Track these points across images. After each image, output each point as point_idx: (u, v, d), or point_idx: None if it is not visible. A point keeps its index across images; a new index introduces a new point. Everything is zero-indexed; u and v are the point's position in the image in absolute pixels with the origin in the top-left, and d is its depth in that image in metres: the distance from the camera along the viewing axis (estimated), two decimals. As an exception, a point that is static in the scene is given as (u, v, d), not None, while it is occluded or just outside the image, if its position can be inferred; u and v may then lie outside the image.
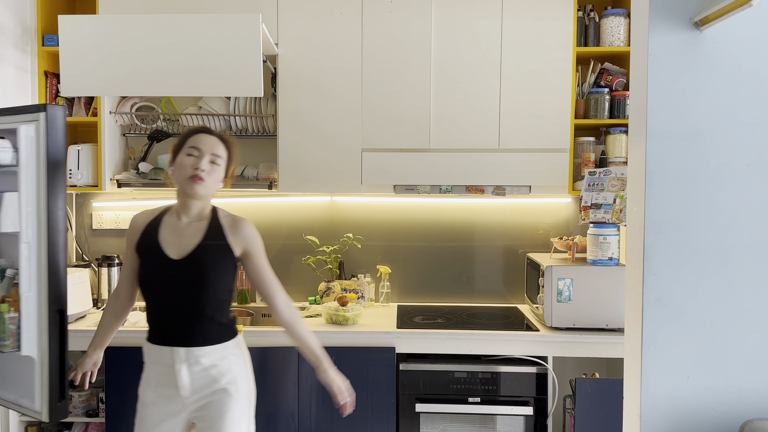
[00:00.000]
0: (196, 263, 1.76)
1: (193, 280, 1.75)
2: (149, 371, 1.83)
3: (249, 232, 1.84)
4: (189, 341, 1.76)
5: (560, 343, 2.41)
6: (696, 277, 1.44)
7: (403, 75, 2.63)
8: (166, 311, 1.78)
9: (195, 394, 1.77)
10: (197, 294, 1.76)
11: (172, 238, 1.79)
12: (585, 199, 2.46)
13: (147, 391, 1.81)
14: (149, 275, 1.80)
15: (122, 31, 2.30)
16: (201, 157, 1.78)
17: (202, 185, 1.76)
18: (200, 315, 1.77)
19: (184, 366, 1.75)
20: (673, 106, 1.43)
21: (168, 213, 1.85)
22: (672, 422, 1.45)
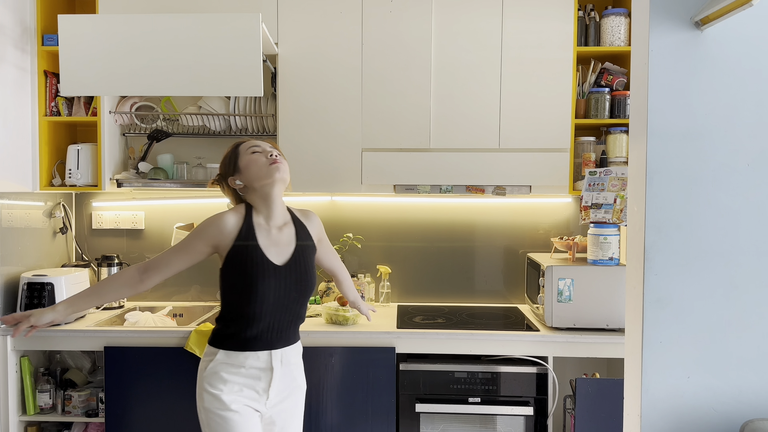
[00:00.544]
0: (298, 266, 1.80)
1: (297, 283, 1.79)
2: (231, 377, 1.76)
3: (319, 222, 1.98)
4: (285, 341, 1.81)
5: (560, 343, 2.41)
6: (696, 277, 1.44)
7: (403, 75, 2.63)
8: (269, 316, 1.77)
9: (279, 396, 1.81)
10: (300, 295, 1.81)
11: (271, 244, 1.79)
12: (585, 199, 2.45)
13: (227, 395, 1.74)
14: (256, 283, 1.74)
15: (122, 30, 2.29)
16: (264, 148, 1.83)
17: (283, 168, 1.80)
18: (298, 315, 1.85)
19: (279, 366, 1.79)
20: (674, 106, 1.43)
21: (256, 216, 1.82)
22: (672, 422, 1.45)
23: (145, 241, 3.00)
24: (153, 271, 1.78)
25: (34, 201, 2.71)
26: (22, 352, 2.54)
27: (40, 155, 2.64)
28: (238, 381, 1.76)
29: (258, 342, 1.78)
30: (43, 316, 1.75)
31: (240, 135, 2.88)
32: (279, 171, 1.79)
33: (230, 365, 1.77)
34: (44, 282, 2.49)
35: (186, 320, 2.89)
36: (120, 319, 2.71)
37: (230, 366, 1.77)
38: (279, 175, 1.79)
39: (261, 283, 1.74)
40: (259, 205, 1.83)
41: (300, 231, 1.87)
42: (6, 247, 2.53)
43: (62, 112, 2.70)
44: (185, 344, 2.39)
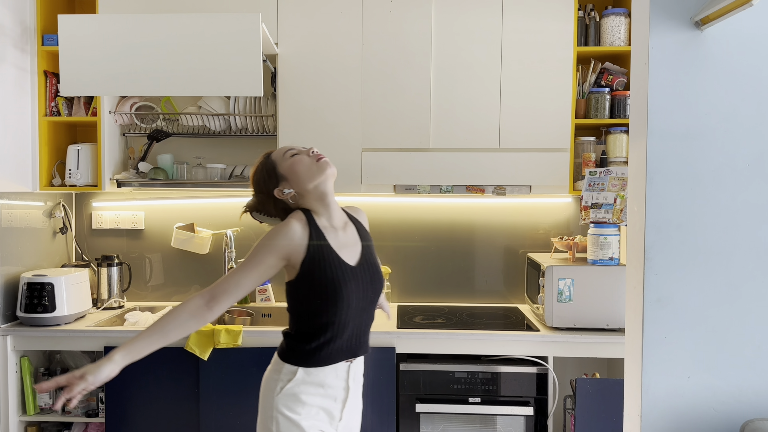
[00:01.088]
0: (369, 265, 1.73)
1: (371, 282, 1.72)
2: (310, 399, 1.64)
3: (365, 216, 1.89)
4: (363, 349, 1.74)
5: (561, 343, 2.41)
6: (697, 277, 1.44)
7: (403, 75, 2.63)
8: (352, 322, 1.67)
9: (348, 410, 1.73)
10: (375, 295, 1.74)
11: (341, 246, 1.69)
12: (585, 198, 2.45)
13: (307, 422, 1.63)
14: (337, 287, 1.61)
15: (122, 30, 2.29)
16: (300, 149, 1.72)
17: (330, 164, 1.68)
18: (372, 318, 1.76)
19: (353, 377, 1.72)
20: (674, 106, 1.43)
21: (317, 220, 1.69)
22: (673, 422, 1.45)
23: (145, 241, 3.01)
24: (222, 297, 1.57)
25: (34, 201, 2.71)
26: (22, 352, 2.54)
27: (40, 155, 2.64)
28: (317, 403, 1.65)
29: (342, 352, 1.67)
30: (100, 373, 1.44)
31: (240, 135, 2.88)
32: (329, 166, 1.68)
33: (310, 384, 1.64)
34: (44, 282, 2.49)
35: (186, 320, 2.88)
36: (120, 319, 2.71)
37: (310, 386, 1.64)
38: (330, 170, 1.68)
39: (344, 286, 1.62)
40: (317, 208, 1.69)
41: (360, 228, 1.79)
42: (6, 247, 2.53)
43: (62, 112, 2.70)
44: (185, 344, 2.39)
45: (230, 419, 2.42)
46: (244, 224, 2.99)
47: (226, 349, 2.40)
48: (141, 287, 3.01)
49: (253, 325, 2.85)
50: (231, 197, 2.99)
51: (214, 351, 2.39)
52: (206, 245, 2.93)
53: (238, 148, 2.97)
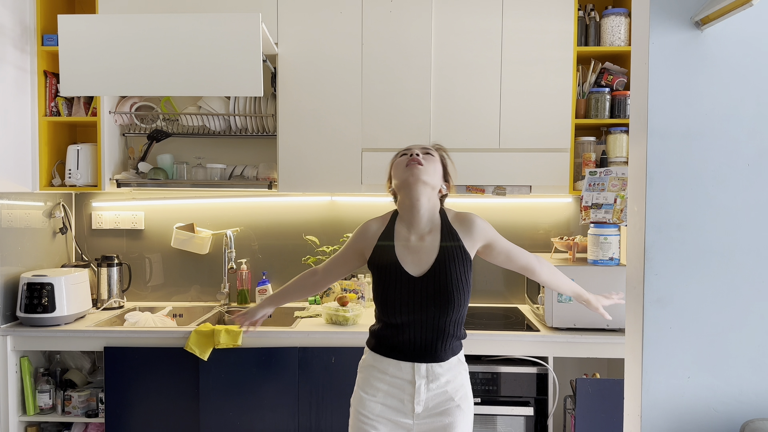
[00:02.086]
0: (438, 279, 1.66)
1: (436, 296, 1.66)
2: (376, 382, 1.71)
3: (482, 225, 1.74)
4: (431, 358, 1.68)
5: (561, 343, 2.41)
6: (697, 277, 1.44)
7: (403, 74, 2.63)
8: (408, 329, 1.68)
9: (427, 411, 1.69)
10: (441, 311, 1.67)
11: (409, 254, 1.70)
12: (586, 199, 2.45)
13: (371, 403, 1.70)
14: (389, 293, 1.68)
15: (122, 30, 2.29)
16: (411, 150, 1.74)
17: (421, 169, 1.68)
18: (444, 332, 1.69)
19: (424, 382, 1.68)
20: (674, 106, 1.43)
21: (398, 223, 1.75)
22: (673, 422, 1.45)
23: (144, 242, 3.00)
24: (321, 272, 1.90)
25: (34, 201, 2.71)
26: (22, 353, 2.54)
27: (39, 155, 2.64)
28: (383, 388, 1.70)
29: (399, 352, 1.69)
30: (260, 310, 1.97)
31: (240, 135, 2.88)
32: (413, 172, 1.67)
33: (375, 368, 1.72)
34: (44, 282, 2.48)
35: (186, 320, 2.88)
36: (120, 319, 2.71)
37: (375, 369, 1.72)
38: (413, 177, 1.67)
39: (394, 293, 1.67)
40: (402, 211, 1.74)
41: (447, 239, 1.70)
42: (6, 247, 2.53)
43: (62, 112, 2.70)
44: (185, 344, 2.39)
45: (230, 419, 2.42)
46: (244, 224, 2.99)
47: (226, 349, 2.40)
48: (141, 287, 3.01)
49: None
50: (231, 197, 2.99)
51: (214, 351, 2.39)
52: (206, 245, 2.93)
53: (238, 148, 2.97)
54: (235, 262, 2.88)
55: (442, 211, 1.76)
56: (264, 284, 2.95)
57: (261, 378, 2.41)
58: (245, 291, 2.94)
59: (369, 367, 1.75)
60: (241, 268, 2.94)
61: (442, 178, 1.77)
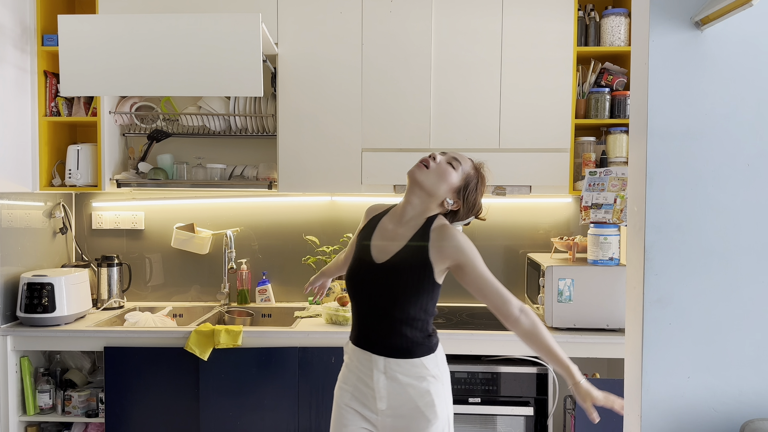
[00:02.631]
0: (391, 272, 1.65)
1: (386, 289, 1.65)
2: (348, 372, 1.75)
3: (457, 245, 1.64)
4: (384, 351, 1.67)
5: (561, 343, 2.35)
6: (697, 277, 1.44)
7: (403, 74, 2.63)
8: (366, 315, 1.71)
9: (391, 410, 1.67)
10: (389, 304, 1.66)
11: (380, 240, 1.72)
12: (585, 199, 2.45)
13: (344, 392, 1.74)
14: (352, 271, 1.73)
15: (122, 30, 2.29)
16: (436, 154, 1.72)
17: (425, 172, 1.67)
18: (392, 327, 1.66)
19: (382, 377, 1.66)
20: (674, 106, 1.43)
21: (391, 211, 1.78)
22: (673, 422, 1.45)
23: (145, 242, 3.00)
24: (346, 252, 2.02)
25: (34, 201, 2.71)
26: (22, 353, 2.54)
27: (40, 155, 2.64)
28: (352, 378, 1.73)
29: (363, 339, 1.72)
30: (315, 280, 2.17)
31: (240, 135, 2.88)
32: (417, 171, 1.68)
33: (349, 357, 1.77)
34: (44, 282, 2.49)
35: (186, 320, 2.88)
36: (120, 319, 2.71)
37: (349, 358, 1.76)
38: (411, 173, 1.69)
39: (356, 275, 1.72)
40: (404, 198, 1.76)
41: (417, 240, 1.67)
42: (6, 247, 2.53)
43: (62, 113, 2.70)
44: (185, 344, 2.39)
45: (230, 419, 2.42)
46: (244, 224, 2.99)
47: (226, 349, 2.40)
48: (141, 287, 3.01)
49: (253, 325, 2.85)
50: (231, 197, 2.99)
51: (214, 351, 2.39)
52: (206, 245, 2.93)
53: (238, 148, 2.97)
54: (235, 262, 2.88)
55: (430, 217, 1.70)
56: (264, 284, 2.95)
57: (261, 378, 2.41)
58: (245, 291, 2.94)
59: (346, 356, 1.79)
60: (241, 268, 2.94)
61: (452, 192, 1.70)
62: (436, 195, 1.69)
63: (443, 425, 1.68)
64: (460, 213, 1.74)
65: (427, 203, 1.70)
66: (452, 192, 1.71)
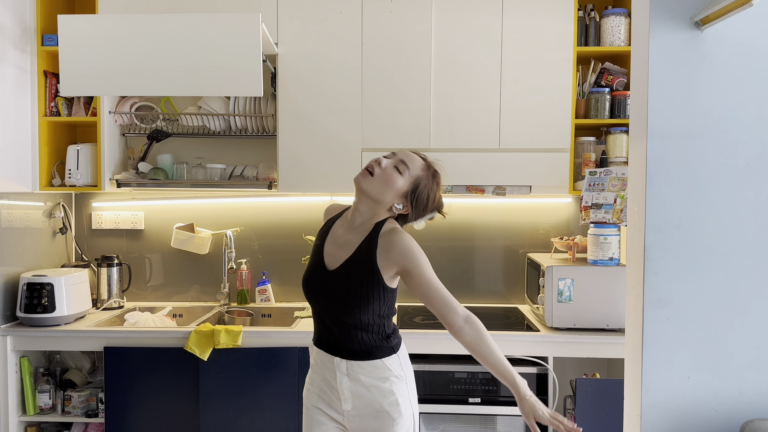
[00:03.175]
0: (341, 280, 1.65)
1: (337, 295, 1.65)
2: (314, 374, 1.76)
3: (402, 250, 1.61)
4: (344, 353, 1.67)
5: (561, 343, 2.41)
6: (697, 277, 1.44)
7: (403, 74, 2.63)
8: (322, 320, 1.72)
9: (356, 410, 1.67)
10: (341, 311, 1.65)
11: (332, 246, 1.71)
12: (585, 199, 2.45)
13: (311, 394, 1.75)
14: (308, 279, 1.72)
15: (122, 31, 2.29)
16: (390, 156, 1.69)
17: (369, 179, 1.63)
18: (348, 332, 1.66)
19: (345, 378, 1.67)
20: (674, 106, 1.43)
21: (342, 216, 1.77)
22: (672, 422, 1.45)
23: (144, 242, 3.00)
24: None
25: (33, 201, 2.71)
26: (22, 353, 2.54)
27: (39, 155, 2.64)
28: (317, 380, 1.74)
29: (324, 342, 1.72)
30: None
31: (240, 135, 2.88)
32: (361, 179, 1.65)
33: (314, 359, 1.77)
34: (44, 282, 2.49)
35: (186, 320, 2.88)
36: (120, 319, 2.71)
37: (314, 361, 1.77)
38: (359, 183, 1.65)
39: (309, 278, 1.72)
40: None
41: (363, 248, 1.65)
42: (6, 247, 2.53)
43: (62, 113, 2.70)
44: (185, 344, 2.39)
45: (230, 419, 2.42)
46: (244, 224, 2.99)
47: (226, 349, 2.40)
48: (141, 287, 3.01)
49: (252, 325, 2.85)
50: (231, 197, 2.99)
51: (213, 351, 2.39)
52: (206, 245, 2.93)
53: (238, 148, 2.97)
54: (235, 262, 2.88)
55: (379, 223, 1.67)
56: (264, 284, 2.95)
57: (261, 378, 2.41)
58: (245, 291, 2.94)
59: (312, 358, 1.80)
60: (241, 268, 2.94)
61: (399, 197, 1.66)
62: (383, 202, 1.65)
63: (408, 423, 1.69)
64: (410, 216, 1.71)
65: (375, 209, 1.66)
66: (399, 197, 1.66)
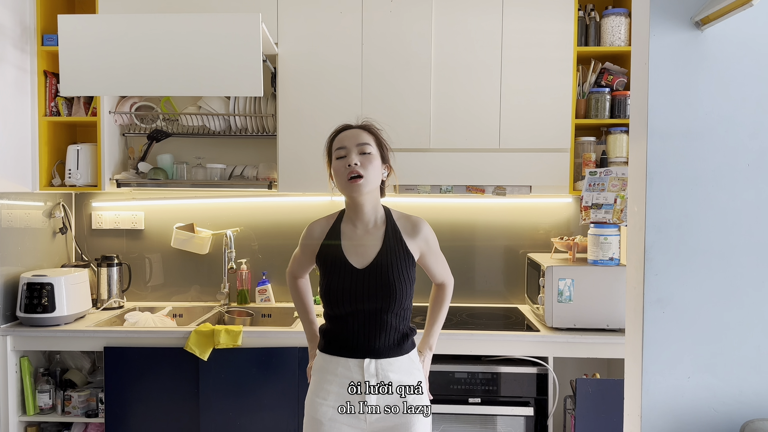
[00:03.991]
0: (379, 271, 1.69)
1: (378, 288, 1.67)
2: (327, 385, 1.70)
3: (426, 233, 1.79)
4: (377, 353, 1.68)
5: (561, 343, 2.40)
6: (697, 277, 1.44)
7: (403, 74, 2.62)
8: (352, 322, 1.70)
9: (381, 410, 1.67)
10: (383, 302, 1.68)
11: (353, 247, 1.73)
12: (586, 199, 2.45)
13: (324, 407, 1.68)
14: (333, 284, 1.70)
15: (122, 30, 2.29)
16: (349, 153, 1.70)
17: (363, 182, 1.68)
18: (387, 324, 1.69)
19: (373, 380, 1.67)
20: (674, 106, 1.43)
21: (344, 221, 1.78)
22: (673, 422, 1.45)
23: (144, 242, 3.00)
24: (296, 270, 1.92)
25: (33, 201, 2.71)
26: (22, 353, 2.54)
27: (39, 155, 2.64)
28: (334, 390, 1.69)
29: (347, 349, 1.70)
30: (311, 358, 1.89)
31: (240, 135, 2.88)
32: (357, 190, 1.68)
33: (326, 370, 1.72)
34: (44, 282, 2.48)
35: (186, 320, 2.88)
36: (120, 319, 2.71)
37: (326, 371, 1.71)
38: (357, 194, 1.69)
39: (338, 285, 1.69)
40: (348, 209, 1.78)
41: (390, 234, 1.74)
42: (6, 247, 2.53)
43: (62, 113, 2.70)
44: (185, 344, 2.39)
45: (230, 419, 2.42)
46: (244, 224, 2.99)
47: (226, 350, 2.40)
48: (141, 287, 3.01)
49: (252, 325, 2.85)
50: (231, 197, 2.99)
51: (213, 351, 2.39)
52: (206, 245, 2.93)
53: (237, 148, 2.97)
54: (235, 262, 2.88)
55: (386, 208, 1.80)
56: (264, 284, 2.95)
57: (261, 378, 2.41)
58: (245, 291, 2.94)
59: (320, 369, 1.74)
60: (241, 268, 2.94)
61: (381, 166, 1.76)
62: (379, 182, 1.76)
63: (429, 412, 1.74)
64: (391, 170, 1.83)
65: (375, 194, 1.77)
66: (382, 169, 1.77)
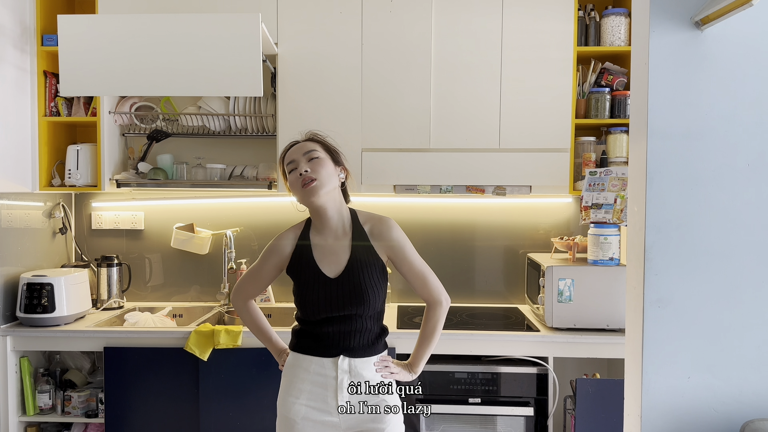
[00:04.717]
0: (351, 280, 1.71)
1: (351, 296, 1.70)
2: (300, 383, 1.73)
3: (391, 234, 1.77)
4: (351, 352, 1.71)
5: (561, 343, 2.40)
6: (697, 277, 1.44)
7: (403, 75, 2.62)
8: (327, 325, 1.72)
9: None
10: (357, 309, 1.71)
11: (324, 256, 1.74)
12: (586, 199, 2.45)
13: (296, 406, 1.72)
14: (308, 295, 1.73)
15: (122, 30, 2.29)
16: (298, 163, 1.73)
17: (317, 184, 1.69)
18: (362, 326, 1.72)
19: (346, 377, 1.70)
20: (674, 106, 1.43)
21: (312, 231, 1.80)
22: (673, 422, 1.45)
23: (144, 242, 3.00)
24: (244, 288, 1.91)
25: (33, 201, 2.71)
26: (22, 353, 2.54)
27: (39, 155, 2.64)
28: (306, 388, 1.72)
29: (320, 348, 1.73)
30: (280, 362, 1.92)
31: (240, 135, 2.88)
32: (311, 192, 1.69)
33: (299, 368, 1.74)
34: (44, 282, 2.48)
35: (186, 321, 2.88)
36: (120, 319, 2.71)
37: (299, 369, 1.74)
38: (314, 197, 1.70)
39: (313, 295, 1.71)
40: (313, 217, 1.80)
41: (357, 240, 1.75)
42: (6, 247, 2.53)
43: (62, 113, 2.70)
44: (185, 345, 2.39)
45: (230, 419, 2.42)
46: (244, 224, 2.99)
47: (226, 350, 2.40)
48: (141, 287, 3.01)
49: (252, 325, 2.84)
50: (231, 197, 2.99)
51: (213, 351, 2.39)
52: (206, 245, 2.93)
53: (237, 148, 2.97)
54: (235, 262, 2.88)
55: (352, 211, 1.80)
56: (264, 284, 2.94)
57: (261, 378, 2.41)
58: (245, 291, 2.94)
59: (292, 368, 1.76)
60: (241, 268, 2.94)
61: (335, 169, 1.77)
62: (335, 183, 1.75)
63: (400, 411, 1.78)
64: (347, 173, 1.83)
65: (335, 196, 1.76)
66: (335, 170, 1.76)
